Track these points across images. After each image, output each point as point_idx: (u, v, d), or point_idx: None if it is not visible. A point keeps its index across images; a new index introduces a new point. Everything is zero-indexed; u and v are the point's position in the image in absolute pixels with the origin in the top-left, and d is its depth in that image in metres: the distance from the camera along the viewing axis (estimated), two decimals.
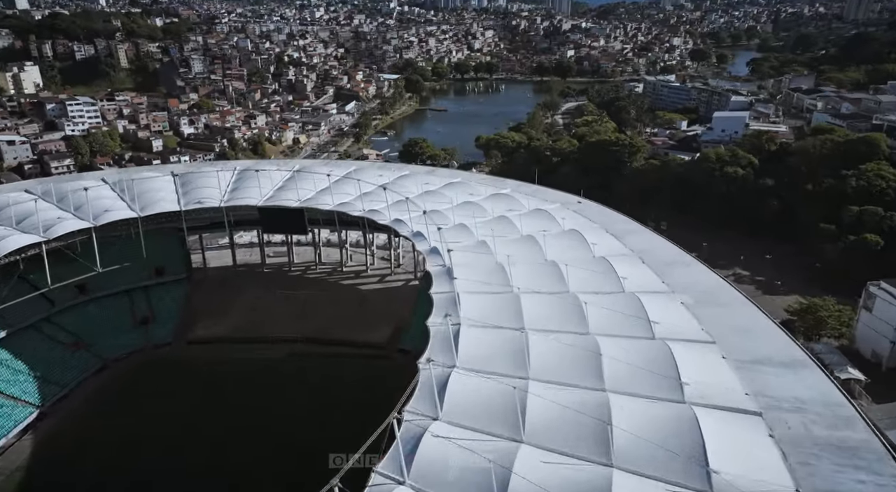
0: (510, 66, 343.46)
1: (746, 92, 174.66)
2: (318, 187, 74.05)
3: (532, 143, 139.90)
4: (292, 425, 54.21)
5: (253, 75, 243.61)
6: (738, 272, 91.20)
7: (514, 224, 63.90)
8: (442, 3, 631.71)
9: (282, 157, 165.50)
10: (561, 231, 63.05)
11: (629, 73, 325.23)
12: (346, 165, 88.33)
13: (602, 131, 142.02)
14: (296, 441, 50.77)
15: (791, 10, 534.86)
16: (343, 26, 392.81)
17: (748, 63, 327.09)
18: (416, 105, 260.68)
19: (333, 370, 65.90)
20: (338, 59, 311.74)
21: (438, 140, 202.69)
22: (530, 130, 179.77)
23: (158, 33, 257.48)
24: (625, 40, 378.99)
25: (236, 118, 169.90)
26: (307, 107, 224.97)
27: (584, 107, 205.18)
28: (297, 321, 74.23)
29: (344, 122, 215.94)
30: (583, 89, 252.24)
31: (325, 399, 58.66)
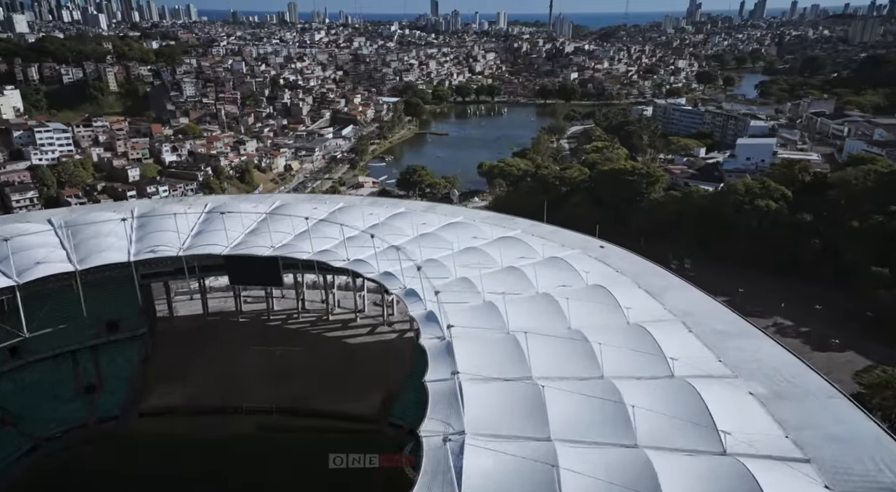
0: (512, 89, 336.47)
1: (765, 116, 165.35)
2: (298, 230, 63.59)
3: (539, 170, 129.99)
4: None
5: (247, 99, 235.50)
6: (780, 322, 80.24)
7: (528, 277, 53.12)
8: (443, 27, 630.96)
9: (272, 184, 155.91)
10: (584, 287, 52.31)
11: (635, 96, 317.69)
12: (332, 201, 77.92)
13: (614, 159, 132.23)
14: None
15: (795, 34, 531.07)
16: (342, 49, 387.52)
17: (756, 85, 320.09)
18: (415, 129, 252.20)
19: (312, 449, 54.78)
20: (336, 82, 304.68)
21: (439, 166, 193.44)
22: (536, 156, 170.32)
23: (151, 56, 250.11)
24: (629, 62, 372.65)
25: (224, 144, 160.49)
26: (302, 131, 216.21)
27: (591, 131, 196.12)
28: (272, 385, 63.07)
29: (340, 147, 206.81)
30: (588, 113, 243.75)
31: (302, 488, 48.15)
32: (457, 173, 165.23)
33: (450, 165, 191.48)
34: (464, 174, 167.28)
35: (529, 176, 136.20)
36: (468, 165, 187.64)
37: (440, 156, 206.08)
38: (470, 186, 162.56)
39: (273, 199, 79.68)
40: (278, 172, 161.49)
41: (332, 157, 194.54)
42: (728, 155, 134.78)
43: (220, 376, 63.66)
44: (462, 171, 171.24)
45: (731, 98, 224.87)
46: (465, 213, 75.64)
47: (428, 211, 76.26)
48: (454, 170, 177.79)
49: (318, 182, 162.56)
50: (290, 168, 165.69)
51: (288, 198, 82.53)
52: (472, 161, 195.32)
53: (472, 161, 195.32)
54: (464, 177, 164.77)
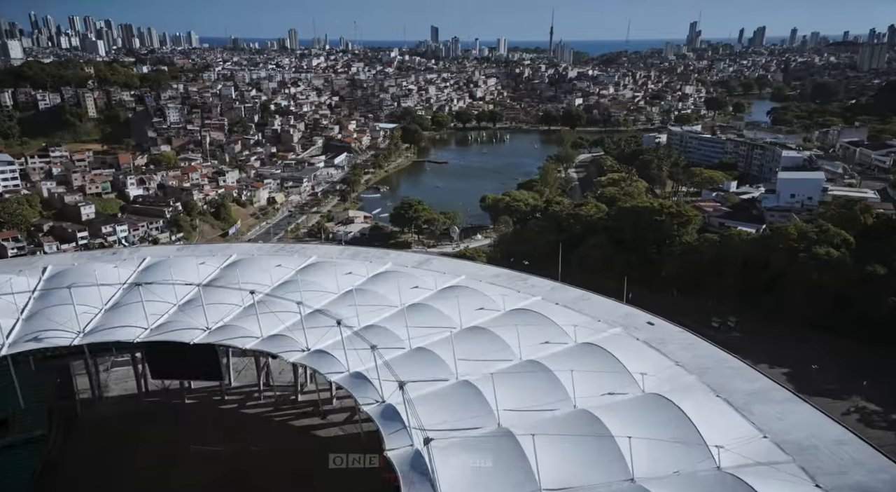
0: (515, 115, 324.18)
1: (796, 146, 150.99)
2: (248, 301, 48.07)
3: (550, 206, 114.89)
4: None
5: (235, 125, 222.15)
6: (862, 406, 64.05)
7: (559, 381, 37.50)
8: (443, 53, 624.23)
9: (251, 220, 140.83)
10: (639, 396, 36.72)
11: (643, 123, 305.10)
12: (302, 253, 62.51)
13: (634, 193, 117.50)
14: None
15: (800, 60, 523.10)
16: (340, 74, 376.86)
17: (768, 112, 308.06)
18: (413, 157, 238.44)
19: None
20: (331, 108, 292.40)
21: (437, 198, 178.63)
22: (543, 188, 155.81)
23: (135, 81, 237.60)
24: (635, 88, 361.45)
25: (201, 175, 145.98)
26: (292, 159, 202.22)
27: (602, 160, 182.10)
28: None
29: (332, 176, 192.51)
30: (597, 140, 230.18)
31: None
32: (457, 207, 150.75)
33: (449, 196, 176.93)
34: (465, 206, 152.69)
35: (539, 212, 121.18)
36: (469, 197, 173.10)
37: (439, 186, 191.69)
38: (471, 220, 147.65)
39: (230, 250, 64.32)
40: (260, 206, 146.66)
41: (322, 187, 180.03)
42: (765, 190, 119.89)
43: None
44: (462, 203, 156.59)
45: (753, 125, 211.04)
46: (467, 269, 60.01)
47: (421, 267, 60.94)
48: (454, 202, 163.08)
49: (304, 217, 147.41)
50: (273, 201, 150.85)
51: (248, 249, 67.04)
52: (474, 192, 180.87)
53: (474, 192, 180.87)
54: (465, 208, 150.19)
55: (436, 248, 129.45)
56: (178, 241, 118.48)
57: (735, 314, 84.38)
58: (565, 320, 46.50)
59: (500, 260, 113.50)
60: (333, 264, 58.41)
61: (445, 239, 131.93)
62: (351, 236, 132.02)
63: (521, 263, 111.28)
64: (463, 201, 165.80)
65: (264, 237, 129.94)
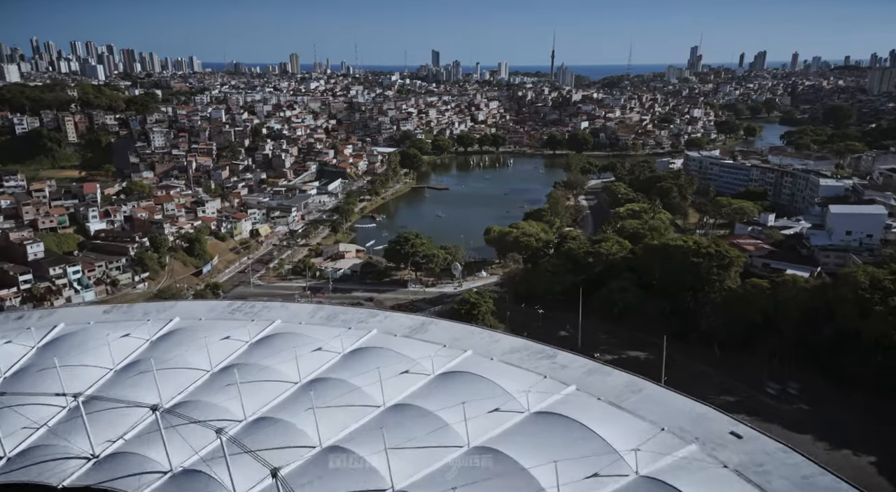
0: (518, 139, 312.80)
1: (831, 173, 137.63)
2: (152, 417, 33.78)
3: (566, 243, 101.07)
4: None
5: (223, 150, 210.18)
6: None
7: None
8: (444, 77, 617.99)
9: (231, 256, 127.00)
10: None
11: (651, 147, 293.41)
12: (262, 317, 48.44)
13: (660, 228, 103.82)
14: None
15: (808, 84, 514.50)
16: (338, 97, 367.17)
17: (782, 136, 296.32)
18: (412, 183, 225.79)
19: None
20: (328, 132, 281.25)
21: (438, 228, 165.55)
22: (553, 218, 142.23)
23: (120, 104, 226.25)
24: (642, 111, 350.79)
25: (177, 205, 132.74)
26: (282, 186, 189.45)
27: (615, 188, 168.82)
28: None
29: (324, 204, 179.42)
30: (607, 165, 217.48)
31: None
32: (459, 239, 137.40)
33: (450, 226, 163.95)
34: (467, 236, 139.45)
35: (552, 248, 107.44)
36: (472, 227, 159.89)
37: (440, 215, 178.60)
38: (475, 254, 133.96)
39: (171, 312, 50.33)
40: (242, 240, 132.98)
41: (313, 216, 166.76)
42: (809, 225, 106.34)
43: None
44: (465, 235, 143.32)
45: (779, 150, 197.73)
46: (474, 340, 45.76)
47: (415, 336, 46.75)
48: (456, 233, 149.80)
49: (290, 251, 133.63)
50: (257, 234, 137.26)
51: (194, 310, 52.89)
52: (478, 222, 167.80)
53: (478, 222, 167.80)
54: (468, 242, 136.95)
55: (436, 286, 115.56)
56: (143, 282, 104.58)
57: (795, 380, 70.05)
58: (617, 433, 32.35)
59: (510, 304, 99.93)
60: (299, 336, 44.46)
61: (446, 277, 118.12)
62: (340, 274, 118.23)
63: (534, 309, 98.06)
64: (465, 232, 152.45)
65: (241, 278, 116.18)
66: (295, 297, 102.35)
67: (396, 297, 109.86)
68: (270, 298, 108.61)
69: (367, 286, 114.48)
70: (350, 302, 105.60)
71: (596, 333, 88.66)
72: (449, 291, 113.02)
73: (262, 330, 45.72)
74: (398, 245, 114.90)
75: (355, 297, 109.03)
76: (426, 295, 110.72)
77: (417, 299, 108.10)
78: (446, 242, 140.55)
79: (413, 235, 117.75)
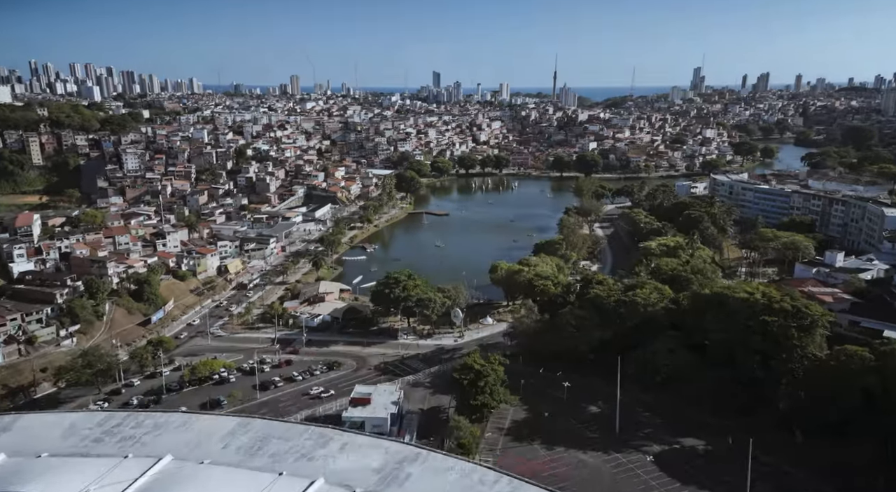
0: (522, 160, 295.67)
1: (892, 202, 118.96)
2: None
3: (591, 289, 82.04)
4: None
5: (203, 173, 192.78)
6: None
7: None
8: (445, 98, 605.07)
9: (191, 299, 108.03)
10: None
11: (665, 169, 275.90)
12: (147, 444, 29.44)
13: (704, 269, 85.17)
14: None
15: (820, 104, 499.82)
16: (334, 117, 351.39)
17: (803, 158, 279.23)
18: (409, 208, 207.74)
19: None
20: (321, 153, 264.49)
21: (436, 260, 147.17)
22: (569, 252, 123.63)
23: (94, 123, 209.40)
24: (652, 132, 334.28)
25: (132, 238, 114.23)
26: (264, 213, 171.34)
27: (635, 215, 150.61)
28: None
29: (310, 233, 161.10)
30: (621, 189, 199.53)
31: None
32: (460, 274, 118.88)
33: (451, 258, 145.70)
34: (470, 272, 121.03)
35: (573, 292, 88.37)
36: (476, 259, 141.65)
37: (439, 245, 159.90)
38: (479, 294, 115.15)
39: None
40: (207, 278, 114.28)
41: (297, 247, 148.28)
42: (884, 265, 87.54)
43: None
44: (468, 271, 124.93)
45: (820, 174, 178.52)
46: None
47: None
48: (456, 266, 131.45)
49: (262, 291, 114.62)
50: (225, 270, 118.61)
51: (35, 434, 33.58)
52: (481, 253, 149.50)
53: (481, 253, 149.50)
54: (471, 276, 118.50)
55: (432, 337, 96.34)
56: (70, 337, 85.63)
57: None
58: None
59: (525, 366, 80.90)
60: None
61: (445, 324, 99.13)
62: (319, 321, 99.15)
63: (554, 374, 78.66)
64: (468, 265, 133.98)
65: (200, 327, 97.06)
66: (255, 354, 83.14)
67: (384, 351, 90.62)
68: (231, 353, 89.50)
69: (348, 337, 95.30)
70: (326, 360, 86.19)
71: (634, 408, 69.23)
72: (448, 343, 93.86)
73: (133, 479, 26.66)
74: (387, 287, 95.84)
75: (333, 353, 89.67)
76: (420, 349, 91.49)
77: (409, 355, 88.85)
78: (445, 277, 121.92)
79: (405, 274, 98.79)
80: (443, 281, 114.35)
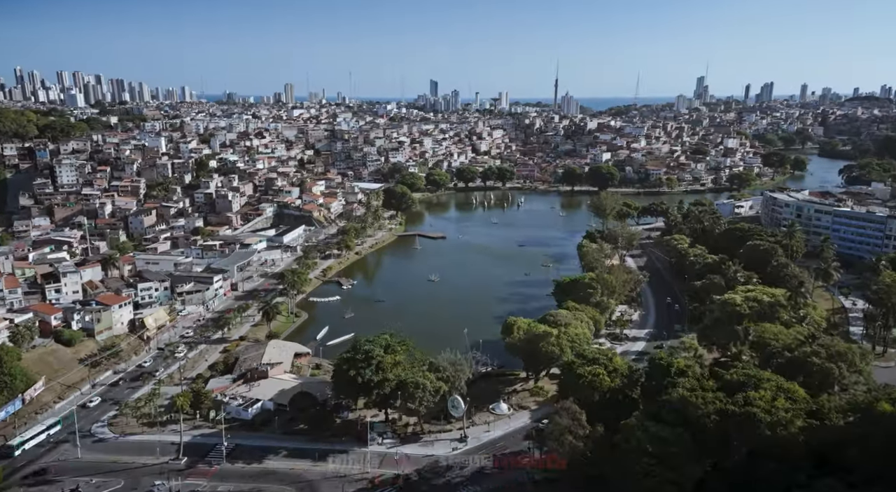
0: (528, 173, 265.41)
1: None
2: None
3: (674, 390, 51.55)
4: None
5: (155, 187, 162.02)
6: None
7: None
8: (442, 106, 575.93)
9: (79, 371, 76.85)
10: None
11: (688, 182, 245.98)
12: None
13: (849, 353, 54.91)
14: None
15: (840, 113, 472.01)
16: (321, 124, 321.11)
17: (841, 171, 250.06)
18: (400, 228, 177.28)
19: None
20: (302, 164, 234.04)
21: (428, 301, 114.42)
22: (605, 299, 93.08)
23: (31, 129, 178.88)
24: (669, 141, 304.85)
25: (8, 283, 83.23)
26: (220, 238, 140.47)
27: (676, 243, 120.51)
28: None
29: (274, 264, 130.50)
30: (649, 208, 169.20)
31: None
32: (459, 323, 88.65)
33: (447, 299, 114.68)
34: (473, 323, 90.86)
35: (638, 386, 57.66)
36: (480, 301, 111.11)
37: (433, 279, 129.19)
38: (486, 358, 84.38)
39: None
40: (109, 339, 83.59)
41: (256, 284, 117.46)
42: None
43: None
44: (469, 317, 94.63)
45: (862, 199, 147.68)
46: None
47: None
48: (455, 314, 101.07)
49: (185, 361, 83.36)
50: (141, 326, 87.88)
51: None
52: (486, 292, 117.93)
53: (486, 292, 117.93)
54: (473, 327, 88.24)
55: (419, 441, 65.43)
56: None
57: None
58: None
59: None
60: None
61: (439, 412, 68.41)
62: (255, 413, 68.29)
63: None
64: (469, 311, 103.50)
65: (79, 422, 65.82)
66: (141, 482, 52.21)
67: (346, 469, 59.56)
68: (106, 476, 58.31)
69: (295, 442, 64.18)
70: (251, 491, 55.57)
71: None
72: (443, 453, 62.99)
73: None
74: (353, 366, 64.84)
75: (266, 474, 58.54)
76: (400, 467, 60.42)
77: (385, 479, 57.84)
78: (441, 328, 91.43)
79: (379, 343, 67.96)
80: (437, 335, 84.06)
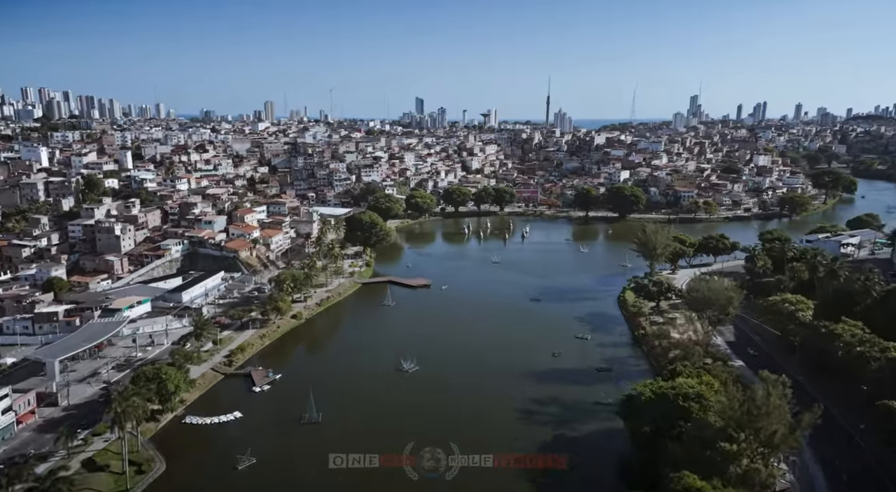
0: (529, 195, 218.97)
1: None
2: None
3: None
4: None
5: (14, 217, 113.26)
6: None
7: None
8: (428, 124, 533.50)
9: None
10: None
11: (728, 207, 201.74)
12: None
13: None
14: None
15: (861, 130, 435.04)
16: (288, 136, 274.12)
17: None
18: (366, 272, 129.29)
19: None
20: (252, 184, 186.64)
21: (397, 420, 59.38)
22: (735, 445, 45.38)
23: None
24: (693, 158, 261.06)
25: None
26: (80, 299, 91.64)
27: (796, 311, 74.03)
28: None
29: (153, 344, 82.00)
30: (707, 244, 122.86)
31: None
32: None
33: (428, 419, 65.31)
34: (472, 428, 43.50)
35: None
36: (486, 429, 62.35)
37: (406, 369, 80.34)
38: None
39: None
40: None
41: (118, 377, 69.12)
42: None
43: None
44: (465, 435, 47.61)
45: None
46: None
47: None
48: (445, 430, 53.69)
49: None
50: None
51: None
52: (493, 397, 68.10)
53: (493, 397, 68.10)
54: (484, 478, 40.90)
55: None
56: None
57: None
58: None
59: None
60: None
61: None
62: None
63: None
64: (467, 429, 56.13)
65: None
66: None
67: None
68: None
69: None
70: None
71: None
72: None
73: None
74: None
75: None
76: None
77: None
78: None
79: None
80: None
